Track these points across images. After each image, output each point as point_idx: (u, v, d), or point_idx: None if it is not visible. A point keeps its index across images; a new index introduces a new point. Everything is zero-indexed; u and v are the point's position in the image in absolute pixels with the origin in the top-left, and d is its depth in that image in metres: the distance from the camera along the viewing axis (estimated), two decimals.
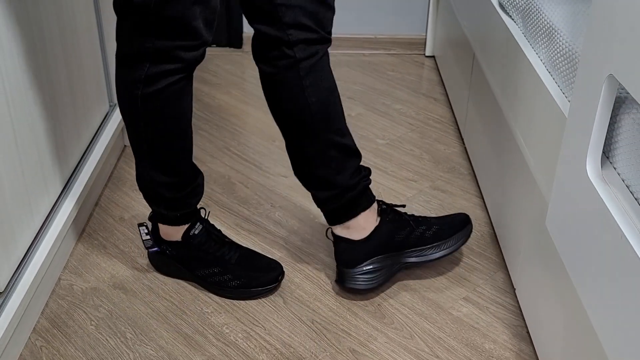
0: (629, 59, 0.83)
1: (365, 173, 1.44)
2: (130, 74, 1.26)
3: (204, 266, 1.45)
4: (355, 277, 1.43)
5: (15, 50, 1.30)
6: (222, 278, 1.44)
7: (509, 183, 1.51)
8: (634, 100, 0.92)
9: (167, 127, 1.32)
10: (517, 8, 1.44)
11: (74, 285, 1.49)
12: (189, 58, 1.24)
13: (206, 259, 1.45)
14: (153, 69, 1.23)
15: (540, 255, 1.29)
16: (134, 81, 1.25)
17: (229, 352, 1.33)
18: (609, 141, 0.97)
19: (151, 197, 1.42)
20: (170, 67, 1.24)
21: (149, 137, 1.32)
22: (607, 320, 0.88)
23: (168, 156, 1.35)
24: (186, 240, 1.45)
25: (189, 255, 1.46)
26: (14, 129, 1.30)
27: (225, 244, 1.48)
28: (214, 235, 1.47)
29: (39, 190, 1.43)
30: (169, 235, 1.46)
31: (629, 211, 0.87)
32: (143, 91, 1.26)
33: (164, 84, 1.25)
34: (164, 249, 1.48)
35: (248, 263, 1.46)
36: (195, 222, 1.45)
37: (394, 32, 2.63)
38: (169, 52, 1.22)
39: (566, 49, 1.16)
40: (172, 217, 1.43)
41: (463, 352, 1.34)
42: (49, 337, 1.36)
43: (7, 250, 1.28)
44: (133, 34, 1.21)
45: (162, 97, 1.27)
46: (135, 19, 1.19)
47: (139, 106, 1.28)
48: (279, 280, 1.46)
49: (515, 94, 1.39)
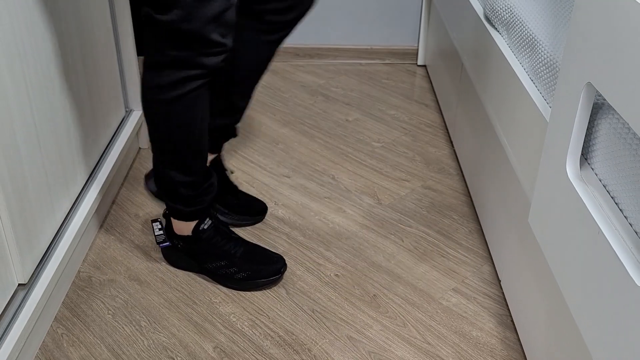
0: (605, 68, 0.83)
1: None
2: (156, 79, 1.25)
3: (212, 259, 1.45)
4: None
5: (39, 60, 1.30)
6: (229, 270, 1.44)
7: (495, 182, 1.51)
8: (610, 106, 0.91)
9: (189, 129, 1.31)
10: (502, 20, 1.44)
11: (92, 277, 1.49)
12: (211, 64, 1.23)
13: (214, 253, 1.45)
14: (177, 75, 1.23)
15: (523, 250, 1.29)
16: (160, 86, 1.25)
17: (235, 339, 1.33)
18: (587, 144, 0.96)
19: (170, 195, 1.42)
20: (192, 73, 1.23)
21: (172, 139, 1.32)
22: (586, 309, 0.88)
23: (188, 157, 1.35)
24: (196, 235, 1.44)
25: (198, 249, 1.45)
26: (37, 133, 1.30)
27: (232, 239, 1.47)
28: (221, 231, 1.47)
29: (61, 189, 1.43)
30: (181, 230, 1.46)
31: (606, 209, 0.87)
32: (167, 96, 1.25)
33: (187, 89, 1.25)
34: (176, 244, 1.47)
35: (253, 257, 1.46)
36: (205, 218, 1.45)
37: (389, 43, 2.62)
38: (191, 59, 1.21)
39: (547, 58, 1.16)
40: (187, 213, 1.43)
41: (452, 339, 1.34)
42: (70, 325, 1.36)
43: (30, 245, 1.28)
44: (158, 44, 1.21)
45: (185, 102, 1.27)
46: (159, 31, 1.19)
47: (163, 110, 1.28)
48: (281, 272, 1.46)
49: (501, 100, 1.38)
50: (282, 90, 2.36)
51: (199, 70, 1.23)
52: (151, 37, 1.22)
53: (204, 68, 1.23)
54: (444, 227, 1.66)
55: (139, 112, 1.91)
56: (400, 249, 1.59)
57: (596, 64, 0.86)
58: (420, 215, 1.70)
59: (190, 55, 1.21)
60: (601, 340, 0.83)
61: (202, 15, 1.16)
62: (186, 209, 1.42)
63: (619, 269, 0.78)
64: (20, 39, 1.22)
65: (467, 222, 1.68)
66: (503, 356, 1.30)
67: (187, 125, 1.31)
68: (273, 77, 2.47)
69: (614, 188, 0.88)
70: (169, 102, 1.26)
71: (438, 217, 1.70)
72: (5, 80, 1.17)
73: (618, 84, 0.79)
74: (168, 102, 1.26)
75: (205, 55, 1.21)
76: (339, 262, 1.54)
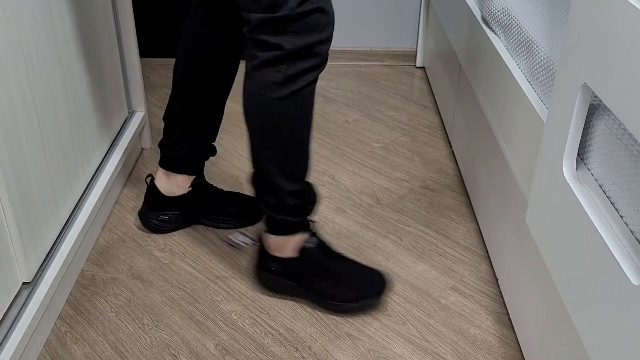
0: (601, 70, 0.83)
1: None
2: (266, 79, 1.18)
3: (318, 279, 1.36)
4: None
5: (43, 62, 1.30)
6: (336, 290, 1.36)
7: (492, 183, 1.51)
8: (606, 107, 0.92)
9: (304, 129, 1.24)
10: (499, 23, 1.44)
11: (95, 276, 1.49)
12: (324, 52, 1.17)
13: (319, 272, 1.36)
14: (292, 69, 1.17)
15: (520, 249, 1.29)
16: (271, 84, 1.17)
17: (237, 337, 1.33)
18: (583, 145, 0.96)
19: (276, 208, 1.32)
20: (308, 64, 1.17)
21: (284, 143, 1.24)
22: (582, 307, 0.88)
23: (299, 161, 1.27)
24: (303, 255, 1.36)
25: (303, 269, 1.37)
26: (41, 133, 1.30)
27: (336, 257, 1.39)
28: (325, 248, 1.38)
29: (64, 189, 1.43)
30: (281, 249, 1.37)
31: (602, 208, 0.87)
32: (280, 93, 1.18)
33: (302, 84, 1.18)
34: (268, 267, 1.39)
35: (356, 274, 1.37)
36: (310, 234, 1.37)
37: (388, 45, 2.62)
38: (308, 48, 1.15)
39: (544, 60, 1.16)
40: (295, 224, 1.34)
41: (450, 336, 1.34)
42: (73, 323, 1.36)
43: (34, 243, 1.28)
44: (272, 39, 1.15)
45: (301, 97, 1.20)
46: (276, 25, 1.13)
47: (276, 109, 1.20)
48: (384, 290, 1.37)
49: (498, 101, 1.39)
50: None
51: (315, 60, 1.18)
52: (265, 32, 1.16)
53: (319, 57, 1.17)
54: (442, 226, 1.66)
55: (142, 113, 1.91)
56: (399, 248, 1.59)
57: (592, 65, 0.86)
58: (419, 215, 1.70)
59: (309, 45, 1.15)
60: (597, 337, 0.83)
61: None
62: (294, 220, 1.33)
63: (615, 268, 0.78)
64: (25, 41, 1.23)
65: (465, 222, 1.68)
66: (500, 353, 1.30)
67: (303, 125, 1.23)
68: None
69: (610, 188, 0.88)
70: (282, 99, 1.19)
71: (436, 216, 1.70)
72: (11, 81, 1.17)
73: (614, 85, 0.79)
74: (281, 100, 1.19)
75: (324, 43, 1.16)
76: None
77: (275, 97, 1.18)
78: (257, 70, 1.19)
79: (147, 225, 1.60)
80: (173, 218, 1.59)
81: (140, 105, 1.91)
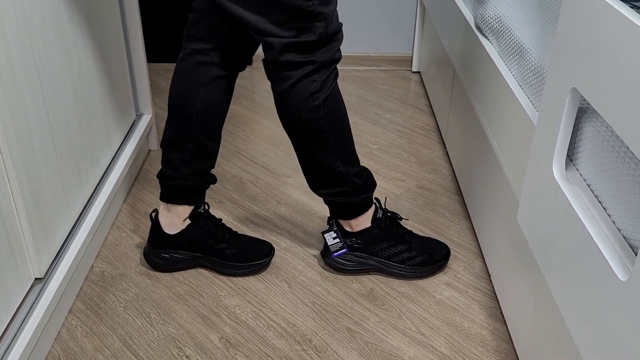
0: (589, 74, 0.83)
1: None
2: (304, 92, 1.25)
3: (393, 245, 1.45)
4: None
5: (54, 66, 1.30)
6: (410, 254, 1.45)
7: (485, 182, 1.51)
8: (594, 110, 0.91)
9: (344, 118, 1.32)
10: (492, 29, 1.44)
11: (105, 272, 1.49)
12: (340, 51, 1.27)
13: (393, 238, 1.45)
14: (324, 75, 1.25)
15: (512, 246, 1.29)
16: (311, 95, 1.25)
17: (240, 330, 1.33)
18: (572, 146, 0.96)
19: (350, 193, 1.39)
20: (333, 65, 1.27)
21: (335, 139, 1.31)
22: (571, 302, 0.88)
23: (351, 144, 1.35)
24: (376, 223, 1.44)
25: (379, 238, 1.44)
26: (52, 135, 1.30)
27: (401, 226, 1.47)
28: (393, 217, 1.47)
29: (75, 188, 1.43)
30: (360, 224, 1.43)
31: (590, 207, 0.87)
32: (321, 98, 1.27)
33: (332, 82, 1.28)
34: (352, 244, 1.44)
35: (424, 241, 1.48)
36: (377, 208, 1.45)
37: (384, 51, 2.62)
38: (334, 55, 1.25)
39: (535, 65, 1.16)
40: (371, 199, 1.42)
41: (445, 330, 1.34)
42: (83, 317, 1.36)
43: (46, 241, 1.28)
44: (301, 57, 1.22)
45: (334, 95, 1.29)
46: (304, 46, 1.21)
47: (322, 115, 1.28)
48: (449, 256, 1.48)
49: (491, 104, 1.38)
50: None
51: (338, 59, 1.27)
52: (293, 54, 1.21)
53: (338, 61, 1.28)
54: (437, 224, 1.66)
55: (149, 116, 1.91)
56: None
57: (581, 70, 0.86)
58: (414, 214, 1.70)
59: (334, 54, 1.25)
60: (586, 331, 0.83)
61: (335, 12, 1.23)
62: (369, 195, 1.41)
63: (603, 264, 0.78)
64: (37, 46, 1.23)
65: (459, 220, 1.68)
66: (493, 346, 1.30)
67: (343, 115, 1.32)
68: None
69: (597, 188, 0.88)
70: (324, 103, 1.27)
71: (431, 215, 1.70)
72: (23, 86, 1.17)
73: (602, 89, 0.79)
74: (324, 103, 1.27)
75: (340, 45, 1.26)
76: None
77: (318, 103, 1.27)
78: (293, 87, 1.25)
79: (150, 263, 1.47)
80: (177, 259, 1.46)
81: (148, 109, 1.91)
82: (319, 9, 1.19)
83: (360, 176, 1.39)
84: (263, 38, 1.21)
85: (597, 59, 0.81)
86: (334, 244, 1.44)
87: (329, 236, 1.45)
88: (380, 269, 1.46)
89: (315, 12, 1.18)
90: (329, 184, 1.38)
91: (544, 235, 0.98)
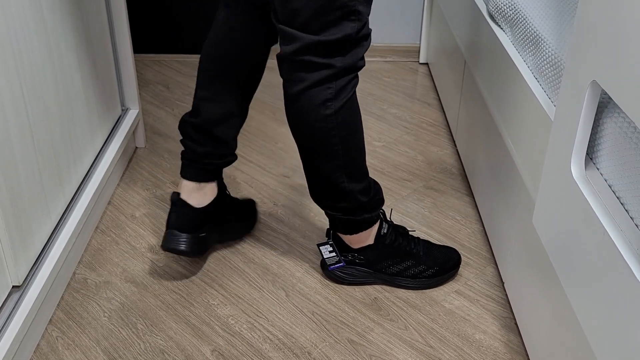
0: (611, 66, 0.83)
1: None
2: (317, 99, 1.24)
3: (399, 262, 1.45)
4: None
5: (33, 58, 1.30)
6: (417, 269, 1.46)
7: (498, 182, 1.51)
8: (615, 105, 0.92)
9: (358, 131, 1.31)
10: (506, 18, 1.44)
11: (88, 279, 1.49)
12: (364, 58, 1.25)
13: (399, 255, 1.45)
14: (341, 82, 1.24)
15: (527, 251, 1.29)
16: (324, 102, 1.24)
17: (234, 342, 1.33)
18: (592, 143, 0.96)
19: (353, 210, 1.38)
20: (354, 73, 1.25)
21: (344, 153, 1.30)
22: (591, 312, 0.88)
23: (361, 160, 1.34)
24: (379, 241, 1.44)
25: (383, 255, 1.44)
26: (32, 132, 1.30)
27: (411, 238, 1.48)
28: (399, 231, 1.48)
29: (55, 189, 1.43)
30: (362, 241, 1.44)
31: (611, 210, 0.87)
32: (334, 107, 1.25)
33: (350, 92, 1.26)
34: (353, 259, 1.46)
35: (433, 252, 1.48)
36: (382, 222, 1.45)
37: (390, 41, 2.63)
38: (356, 62, 1.23)
39: (552, 56, 1.16)
40: (375, 218, 1.42)
41: (455, 342, 1.34)
42: (65, 328, 1.36)
43: (25, 246, 1.28)
44: (321, 59, 1.21)
45: (351, 106, 1.27)
46: (329, 48, 1.20)
47: (333, 125, 1.26)
48: (460, 263, 1.50)
49: (504, 98, 1.39)
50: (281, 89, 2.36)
51: (361, 66, 1.26)
52: (314, 55, 1.21)
53: (360, 69, 1.26)
54: (446, 227, 1.66)
55: (136, 111, 1.91)
56: None
57: (601, 62, 0.86)
58: (422, 216, 1.70)
59: (357, 60, 1.23)
60: (607, 343, 0.83)
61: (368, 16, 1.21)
62: (373, 215, 1.41)
63: (625, 270, 0.78)
64: (15, 37, 1.23)
65: (470, 223, 1.68)
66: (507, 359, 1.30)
67: (357, 128, 1.30)
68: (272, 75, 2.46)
69: (619, 188, 0.88)
70: (337, 112, 1.25)
71: (440, 217, 1.70)
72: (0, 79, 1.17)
73: (624, 82, 0.79)
74: (337, 113, 1.25)
75: (363, 57, 1.25)
76: None
77: (330, 112, 1.25)
78: (307, 91, 1.24)
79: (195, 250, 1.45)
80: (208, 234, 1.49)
81: (134, 103, 1.91)
82: (358, 6, 1.18)
83: (367, 193, 1.37)
84: (284, 28, 1.20)
85: (619, 50, 0.81)
86: (329, 257, 1.46)
87: (324, 249, 1.47)
88: (386, 281, 1.47)
89: (353, 8, 1.17)
90: (331, 198, 1.37)
91: (561, 240, 0.98)
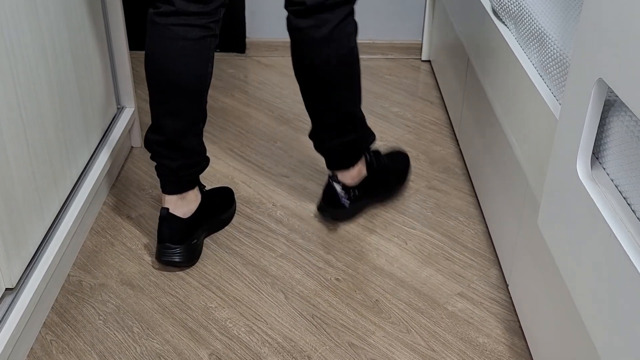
0: (617, 64, 0.83)
1: None
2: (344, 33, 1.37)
3: (385, 181, 1.68)
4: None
5: (27, 56, 1.30)
6: (393, 177, 1.70)
7: (502, 182, 1.51)
8: (622, 103, 0.91)
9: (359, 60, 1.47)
10: (510, 14, 1.44)
11: (82, 281, 1.49)
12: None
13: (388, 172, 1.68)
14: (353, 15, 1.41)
15: (532, 252, 1.29)
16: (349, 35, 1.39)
17: (232, 346, 1.33)
18: (598, 142, 0.96)
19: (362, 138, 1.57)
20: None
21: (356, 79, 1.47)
22: (597, 315, 0.88)
23: (360, 87, 1.51)
24: (370, 169, 1.62)
25: (376, 181, 1.64)
26: (25, 131, 1.30)
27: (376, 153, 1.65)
28: (377, 153, 1.65)
29: (49, 189, 1.43)
30: (360, 172, 1.60)
31: (618, 210, 0.87)
32: (355, 39, 1.41)
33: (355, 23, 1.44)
34: (351, 196, 1.61)
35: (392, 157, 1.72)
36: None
37: (391, 38, 2.62)
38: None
39: (557, 53, 1.16)
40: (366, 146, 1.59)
41: (458, 345, 1.34)
42: (59, 332, 1.36)
43: (18, 247, 1.28)
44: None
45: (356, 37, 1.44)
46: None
47: (356, 57, 1.42)
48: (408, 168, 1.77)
49: (508, 96, 1.39)
50: (280, 86, 2.36)
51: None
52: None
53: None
54: (449, 229, 1.66)
55: (131, 109, 1.91)
56: (404, 252, 1.59)
57: (608, 59, 0.86)
58: (424, 217, 1.70)
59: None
60: (614, 347, 0.83)
61: None
62: (369, 140, 1.58)
63: (632, 273, 0.78)
64: (8, 35, 1.23)
65: (473, 224, 1.68)
66: None
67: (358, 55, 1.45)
68: (270, 73, 2.47)
69: (626, 188, 0.88)
70: (357, 42, 1.42)
71: (443, 218, 1.70)
72: None
73: (631, 80, 0.79)
74: (356, 44, 1.41)
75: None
76: (339, 265, 1.54)
77: (353, 44, 1.40)
78: (335, 29, 1.35)
79: (190, 259, 1.50)
80: (198, 238, 1.54)
81: (130, 101, 1.91)
82: None
83: (365, 119, 1.55)
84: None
85: (626, 47, 0.81)
86: (342, 193, 1.60)
87: (338, 186, 1.59)
88: (382, 202, 1.70)
89: None
90: (341, 133, 1.50)
91: (567, 241, 0.98)
